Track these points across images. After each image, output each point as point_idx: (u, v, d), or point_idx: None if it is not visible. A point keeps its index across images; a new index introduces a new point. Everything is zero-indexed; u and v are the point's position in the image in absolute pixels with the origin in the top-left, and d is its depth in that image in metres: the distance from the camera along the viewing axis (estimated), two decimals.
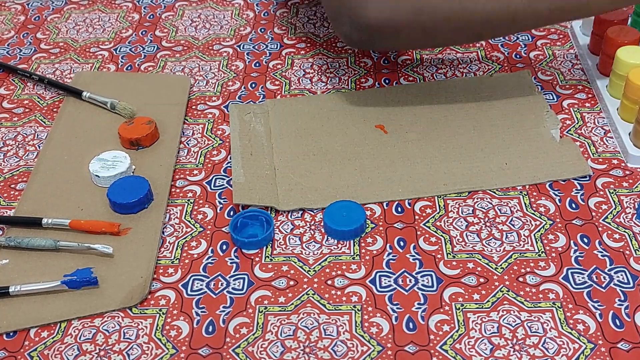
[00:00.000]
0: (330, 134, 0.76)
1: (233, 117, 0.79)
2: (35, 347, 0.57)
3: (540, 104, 0.78)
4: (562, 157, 0.72)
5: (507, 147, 0.73)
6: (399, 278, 0.61)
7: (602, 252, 0.63)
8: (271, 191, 0.69)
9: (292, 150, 0.74)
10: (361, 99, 0.81)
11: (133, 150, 0.75)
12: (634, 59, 0.75)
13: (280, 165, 0.72)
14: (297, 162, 0.73)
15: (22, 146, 0.77)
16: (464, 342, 0.56)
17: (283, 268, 0.62)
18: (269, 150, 0.74)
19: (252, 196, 0.68)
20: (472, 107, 0.79)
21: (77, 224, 0.65)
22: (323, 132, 0.77)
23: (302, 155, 0.73)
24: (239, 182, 0.69)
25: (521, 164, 0.71)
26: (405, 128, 0.77)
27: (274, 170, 0.72)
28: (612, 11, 0.76)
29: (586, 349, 0.55)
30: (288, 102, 0.81)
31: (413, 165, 0.71)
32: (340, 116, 0.79)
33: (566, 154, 0.72)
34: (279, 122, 0.78)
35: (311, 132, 0.76)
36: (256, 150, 0.74)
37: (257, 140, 0.76)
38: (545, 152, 0.72)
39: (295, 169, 0.72)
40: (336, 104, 0.80)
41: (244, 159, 0.73)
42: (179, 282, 0.62)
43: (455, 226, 0.66)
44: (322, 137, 0.76)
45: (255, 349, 0.56)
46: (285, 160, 0.73)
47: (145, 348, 0.56)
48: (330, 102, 0.81)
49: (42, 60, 0.91)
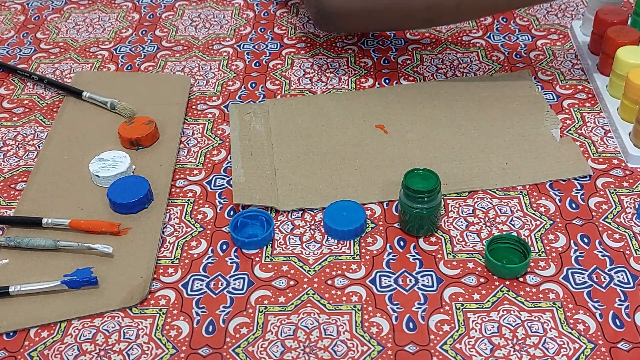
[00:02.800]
0: (330, 134, 0.76)
1: (233, 117, 0.79)
2: (35, 347, 0.57)
3: (540, 104, 0.78)
4: (562, 157, 0.72)
5: (507, 147, 0.73)
6: (399, 278, 0.61)
7: (602, 252, 0.63)
8: (271, 191, 0.69)
9: (292, 150, 0.74)
10: (361, 99, 0.81)
11: (133, 150, 0.75)
12: (634, 59, 0.75)
13: (280, 165, 0.72)
14: (297, 162, 0.73)
15: (22, 146, 0.77)
16: (464, 342, 0.56)
17: (283, 268, 0.62)
18: (269, 150, 0.74)
19: (252, 196, 0.68)
20: (473, 107, 0.79)
21: (77, 224, 0.65)
22: (323, 132, 0.77)
23: (302, 155, 0.73)
24: (239, 182, 0.69)
25: (521, 164, 0.71)
26: (406, 128, 0.77)
27: (274, 170, 0.72)
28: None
29: (586, 349, 0.55)
30: (288, 102, 0.81)
31: (413, 166, 0.71)
32: (341, 116, 0.79)
33: (566, 154, 0.72)
34: (279, 122, 0.78)
35: (311, 132, 0.76)
36: (256, 150, 0.74)
37: (257, 140, 0.75)
38: (545, 152, 0.72)
39: (295, 169, 0.72)
40: (336, 104, 0.80)
41: (244, 159, 0.73)
42: (179, 282, 0.62)
43: (455, 226, 0.66)
44: (322, 137, 0.76)
45: (255, 349, 0.56)
46: (286, 160, 0.73)
47: (145, 348, 0.56)
48: (330, 102, 0.81)
49: (42, 60, 0.91)
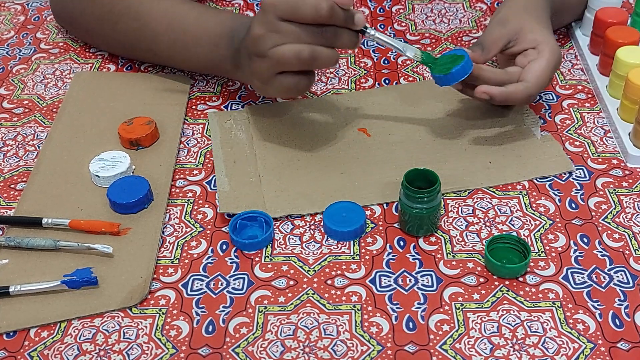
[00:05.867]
0: (313, 139, 0.75)
1: (213, 125, 0.78)
2: (35, 347, 0.57)
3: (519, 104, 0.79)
4: (544, 154, 0.72)
5: (489, 146, 0.73)
6: (399, 278, 0.61)
7: (602, 251, 0.63)
8: (257, 199, 0.68)
9: (276, 156, 0.73)
10: (341, 102, 0.81)
11: (133, 150, 0.75)
12: (634, 59, 0.75)
13: (265, 172, 0.71)
14: (282, 168, 0.72)
15: (22, 146, 0.77)
16: (463, 341, 0.56)
17: (283, 268, 0.62)
18: (252, 157, 0.73)
19: (238, 204, 0.67)
20: (454, 108, 0.79)
21: (77, 224, 0.65)
22: (306, 137, 0.76)
23: (287, 161, 0.73)
24: (223, 191, 0.69)
25: (505, 162, 0.71)
26: (388, 130, 0.76)
27: (259, 177, 0.71)
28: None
29: (586, 349, 0.55)
30: (268, 108, 0.80)
31: (399, 168, 0.71)
32: (322, 121, 0.78)
33: (548, 151, 0.72)
34: (260, 128, 0.77)
35: (294, 138, 0.76)
36: (239, 157, 0.73)
37: (239, 147, 0.75)
38: (527, 149, 0.73)
39: (281, 176, 0.71)
40: (317, 109, 0.80)
41: (227, 167, 0.72)
42: (179, 282, 0.62)
43: (455, 226, 0.66)
44: (305, 142, 0.75)
45: (255, 349, 0.56)
46: (270, 166, 0.72)
47: (145, 348, 0.56)
48: (310, 106, 0.80)
49: (42, 61, 0.91)
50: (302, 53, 0.62)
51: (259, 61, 0.65)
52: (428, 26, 0.94)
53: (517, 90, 0.70)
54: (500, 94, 0.70)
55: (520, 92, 0.70)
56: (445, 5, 0.98)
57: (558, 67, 0.72)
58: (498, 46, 0.73)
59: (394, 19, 0.96)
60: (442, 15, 0.96)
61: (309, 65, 0.64)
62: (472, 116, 0.77)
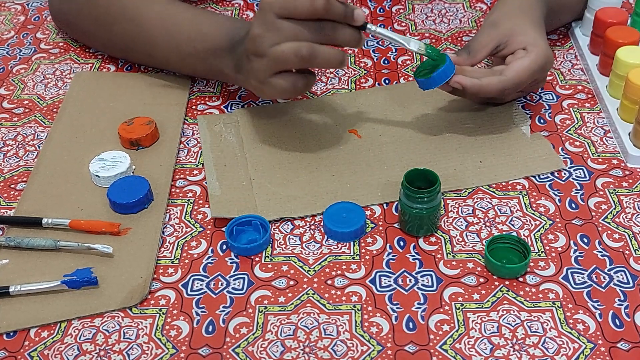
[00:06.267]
0: (303, 141, 0.75)
1: (203, 129, 0.78)
2: (35, 347, 0.57)
3: (508, 103, 0.78)
4: (534, 153, 0.72)
5: (480, 146, 0.73)
6: (399, 278, 0.61)
7: (602, 252, 0.63)
8: (249, 202, 0.68)
9: (267, 159, 0.73)
10: (331, 104, 0.80)
11: (133, 150, 0.75)
12: (634, 59, 0.75)
13: (256, 175, 0.71)
14: (273, 171, 0.71)
15: (22, 146, 0.77)
16: (463, 341, 0.56)
17: (283, 268, 0.62)
18: (243, 160, 0.73)
19: (230, 208, 0.67)
20: (444, 108, 0.79)
21: (77, 224, 0.65)
22: (296, 139, 0.75)
23: (278, 163, 0.72)
24: (215, 195, 0.68)
25: (496, 161, 0.71)
26: (379, 132, 0.76)
27: (250, 180, 0.70)
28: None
29: (586, 349, 0.55)
30: (257, 111, 0.80)
31: (390, 169, 0.71)
32: (312, 122, 0.78)
33: (539, 150, 0.73)
34: (250, 131, 0.77)
35: (284, 140, 0.75)
36: (230, 161, 0.73)
37: (229, 151, 0.74)
38: (518, 148, 0.73)
39: (272, 178, 0.70)
40: (307, 110, 0.80)
41: (218, 171, 0.71)
42: (179, 282, 0.62)
43: (455, 226, 0.66)
44: (296, 145, 0.75)
45: (255, 349, 0.56)
46: (261, 170, 0.72)
47: (145, 348, 0.56)
48: (299, 108, 0.80)
49: (42, 61, 0.91)
50: (301, 50, 0.62)
51: (258, 61, 0.65)
52: (428, 26, 0.94)
53: (490, 83, 0.69)
54: (472, 85, 0.69)
55: (493, 85, 0.69)
56: (445, 5, 0.98)
57: (547, 68, 0.72)
58: (487, 50, 0.73)
59: (394, 19, 0.96)
60: (442, 15, 0.96)
61: (308, 63, 0.63)
62: (462, 116, 0.77)
